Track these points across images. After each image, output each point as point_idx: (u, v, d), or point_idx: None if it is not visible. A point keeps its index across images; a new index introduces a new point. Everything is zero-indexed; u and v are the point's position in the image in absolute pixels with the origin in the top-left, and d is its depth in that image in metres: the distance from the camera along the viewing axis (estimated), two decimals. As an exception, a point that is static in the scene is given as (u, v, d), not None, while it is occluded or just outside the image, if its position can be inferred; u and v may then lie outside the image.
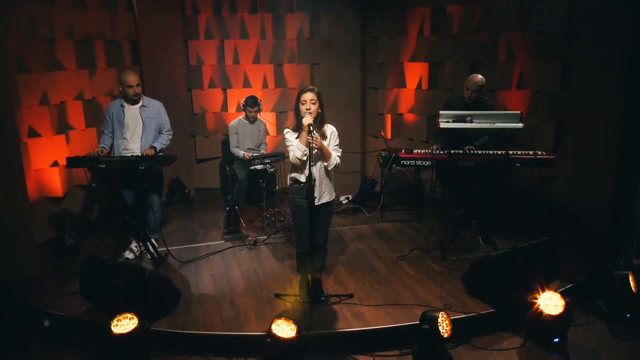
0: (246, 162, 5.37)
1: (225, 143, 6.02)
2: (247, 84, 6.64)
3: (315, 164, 3.60)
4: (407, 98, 6.34)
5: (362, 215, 5.95)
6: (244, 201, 5.76)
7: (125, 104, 4.49)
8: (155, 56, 6.21)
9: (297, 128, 3.61)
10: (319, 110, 3.61)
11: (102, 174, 4.28)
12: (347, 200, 6.42)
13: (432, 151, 4.70)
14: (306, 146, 3.47)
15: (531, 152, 4.60)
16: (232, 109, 6.65)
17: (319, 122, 3.64)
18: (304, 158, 3.52)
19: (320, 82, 6.50)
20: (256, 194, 5.65)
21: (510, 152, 4.54)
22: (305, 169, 3.58)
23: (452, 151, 4.60)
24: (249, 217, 5.79)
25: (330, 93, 6.39)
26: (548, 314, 3.38)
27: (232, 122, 5.79)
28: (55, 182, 5.02)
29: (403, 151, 4.74)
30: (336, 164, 3.67)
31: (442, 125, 4.24)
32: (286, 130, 3.68)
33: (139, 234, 4.57)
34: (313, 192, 3.53)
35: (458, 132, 4.77)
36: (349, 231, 5.45)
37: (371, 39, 6.40)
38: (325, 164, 3.64)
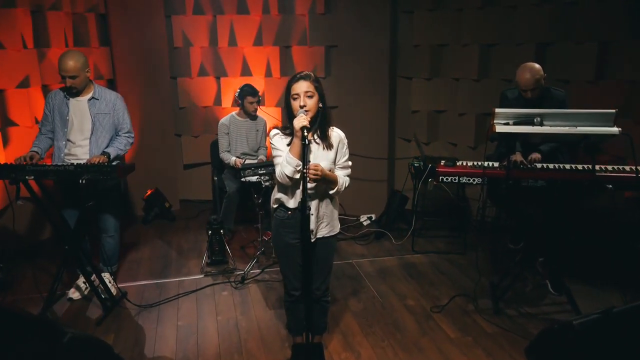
0: (238, 172, 4.54)
1: (215, 146, 5.22)
2: (246, 71, 5.81)
3: (312, 187, 2.74)
4: (449, 90, 5.39)
5: (388, 242, 5.04)
6: (233, 222, 4.93)
7: (72, 95, 3.70)
8: (130, 35, 5.45)
9: (290, 131, 2.74)
10: (319, 106, 2.73)
11: (30, 187, 3.49)
12: (368, 222, 5.52)
13: (482, 164, 3.75)
14: (299, 158, 2.61)
15: (627, 168, 3.60)
16: (227, 102, 5.85)
17: (321, 123, 2.76)
18: (296, 176, 2.65)
19: (338, 70, 5.65)
20: (252, 212, 4.80)
21: (597, 168, 3.55)
22: (297, 189, 2.72)
23: (518, 162, 3.66)
24: (240, 242, 4.96)
25: (349, 83, 5.55)
26: None
27: (222, 120, 4.98)
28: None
29: (442, 163, 3.81)
30: (343, 188, 2.81)
31: (499, 128, 3.30)
32: (274, 131, 2.81)
33: (86, 267, 3.79)
34: (307, 224, 2.65)
35: (520, 138, 3.84)
36: (369, 265, 4.54)
37: (404, 14, 5.48)
38: (331, 192, 2.77)
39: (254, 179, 4.27)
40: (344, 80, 5.58)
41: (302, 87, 2.67)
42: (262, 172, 4.27)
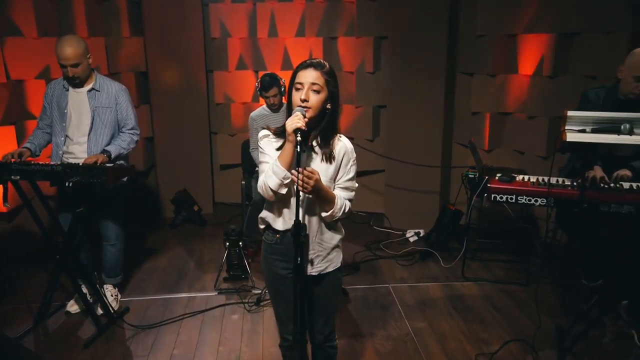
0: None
1: (246, 145, 4.71)
2: (287, 64, 5.28)
3: (304, 206, 2.14)
4: (518, 89, 4.57)
5: (435, 264, 4.33)
6: (258, 233, 4.40)
7: (72, 86, 3.31)
8: (165, 25, 5.06)
9: (282, 131, 2.15)
10: (326, 106, 2.12)
11: (20, 188, 3.13)
12: (415, 238, 4.81)
13: (548, 180, 2.98)
14: (289, 168, 2.02)
15: None
16: (266, 98, 5.33)
17: (325, 127, 2.14)
18: (282, 191, 2.06)
19: (388, 63, 4.98)
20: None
21: None
22: (285, 207, 2.14)
23: (597, 180, 2.87)
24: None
25: (400, 79, 4.84)
26: None
27: (252, 114, 4.45)
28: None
29: (497, 177, 3.07)
30: (341, 213, 2.17)
31: (571, 137, 2.55)
32: (263, 132, 2.23)
33: (90, 277, 3.41)
34: (301, 251, 2.06)
35: (602, 150, 3.04)
36: (408, 292, 3.86)
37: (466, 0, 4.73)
38: (324, 214, 2.15)
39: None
40: (394, 76, 4.90)
41: (309, 76, 2.06)
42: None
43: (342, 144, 2.18)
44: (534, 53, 4.39)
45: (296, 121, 1.97)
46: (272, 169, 2.04)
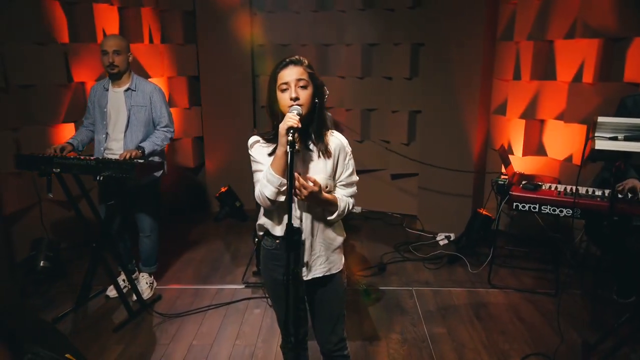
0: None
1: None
2: (326, 70, 5.04)
3: (303, 206, 1.89)
4: (556, 96, 4.07)
5: (462, 269, 3.94)
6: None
7: (111, 86, 3.22)
8: (215, 32, 4.96)
9: (273, 136, 1.90)
10: (314, 101, 1.85)
11: (62, 180, 3.07)
12: (446, 241, 4.43)
13: (575, 190, 2.56)
14: (283, 174, 1.78)
15: None
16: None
17: (317, 123, 1.88)
18: (280, 198, 1.82)
19: (425, 70, 4.62)
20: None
21: None
22: (284, 213, 1.89)
23: (630, 191, 2.43)
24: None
25: (436, 85, 4.47)
26: None
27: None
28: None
29: (521, 185, 2.68)
30: (343, 212, 1.91)
31: (600, 144, 2.15)
32: (252, 139, 1.98)
33: (125, 266, 3.34)
34: (299, 256, 1.82)
35: (637, 159, 2.58)
36: (431, 297, 3.51)
37: (506, 4, 4.28)
38: (329, 217, 1.90)
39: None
40: (430, 82, 4.53)
41: (293, 73, 1.81)
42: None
43: (337, 140, 1.93)
44: (574, 59, 3.89)
45: (292, 121, 1.72)
46: (266, 178, 1.81)
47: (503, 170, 3.82)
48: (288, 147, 1.68)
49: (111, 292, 3.48)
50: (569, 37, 3.88)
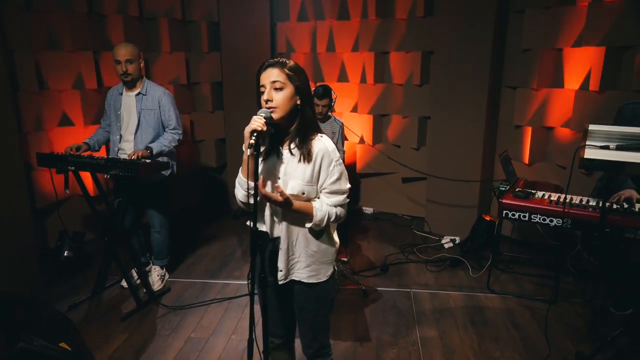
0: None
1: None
2: (343, 76, 4.90)
3: (277, 210, 1.78)
4: (563, 103, 3.82)
5: (463, 272, 3.73)
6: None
7: (124, 91, 3.21)
8: (239, 41, 4.89)
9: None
10: (296, 103, 1.73)
11: (79, 177, 3.07)
12: (451, 244, 4.21)
13: (564, 199, 2.33)
14: (247, 178, 1.68)
15: None
16: (322, 108, 4.98)
17: (300, 127, 1.75)
18: (251, 200, 1.71)
19: (435, 78, 4.41)
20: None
21: None
22: (265, 212, 1.82)
23: (625, 202, 2.19)
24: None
25: (445, 92, 4.27)
26: None
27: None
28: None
29: (512, 194, 2.47)
30: (326, 222, 1.78)
31: (589, 153, 1.95)
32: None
33: (136, 259, 3.33)
34: (275, 259, 1.72)
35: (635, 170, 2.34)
36: (428, 300, 3.33)
37: (514, 13, 4.03)
38: (307, 225, 1.79)
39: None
40: (439, 89, 4.33)
41: (269, 76, 1.71)
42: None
43: (322, 144, 1.75)
44: (581, 67, 3.62)
45: (257, 124, 1.62)
46: (238, 180, 1.72)
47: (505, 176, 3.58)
48: (249, 149, 1.58)
49: (124, 282, 3.47)
50: (577, 45, 3.61)
